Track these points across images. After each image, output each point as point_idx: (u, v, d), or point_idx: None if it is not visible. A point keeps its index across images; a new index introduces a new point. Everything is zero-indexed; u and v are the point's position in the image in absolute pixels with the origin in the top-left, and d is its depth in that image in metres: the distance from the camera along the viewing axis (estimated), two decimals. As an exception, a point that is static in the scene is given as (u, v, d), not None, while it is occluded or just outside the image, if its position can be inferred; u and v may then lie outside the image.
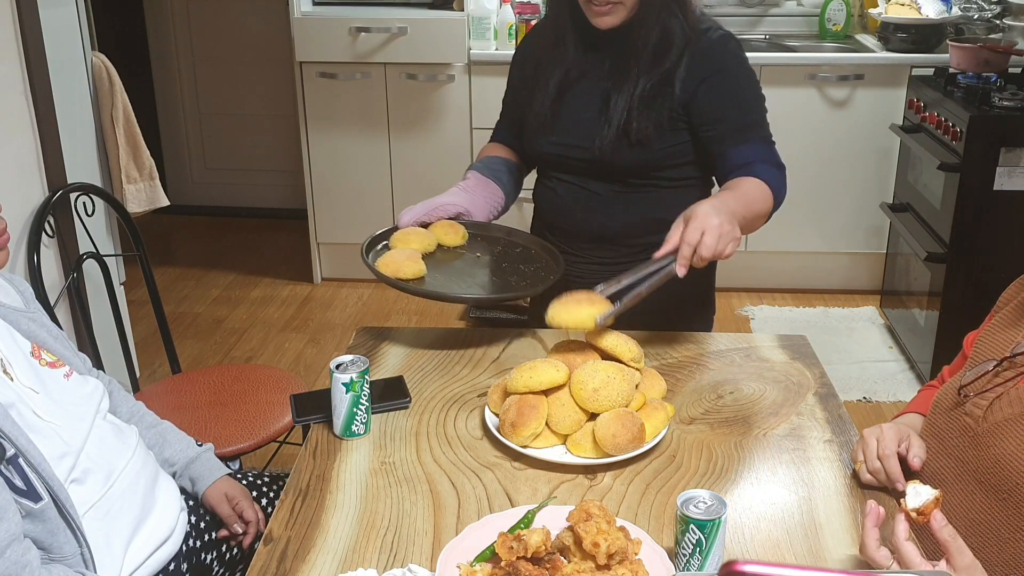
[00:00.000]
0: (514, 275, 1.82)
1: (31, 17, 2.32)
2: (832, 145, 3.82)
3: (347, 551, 1.29)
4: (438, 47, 3.75)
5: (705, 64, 1.80)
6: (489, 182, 1.97)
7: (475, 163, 2.03)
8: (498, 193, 1.98)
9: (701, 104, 1.80)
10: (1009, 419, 1.29)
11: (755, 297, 4.06)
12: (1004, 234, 3.03)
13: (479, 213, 1.94)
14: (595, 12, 1.78)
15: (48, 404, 1.41)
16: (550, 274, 1.81)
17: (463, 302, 1.75)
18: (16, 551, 1.23)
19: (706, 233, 1.51)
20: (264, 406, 2.27)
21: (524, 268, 1.84)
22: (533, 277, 1.82)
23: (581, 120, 1.86)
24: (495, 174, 1.99)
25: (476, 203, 1.93)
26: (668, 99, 1.80)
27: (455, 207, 1.91)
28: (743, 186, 1.73)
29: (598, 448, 1.45)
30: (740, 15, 4.22)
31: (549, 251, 1.91)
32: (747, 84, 1.86)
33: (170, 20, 4.91)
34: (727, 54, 1.84)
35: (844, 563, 1.26)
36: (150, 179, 2.98)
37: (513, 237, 1.96)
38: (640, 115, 1.79)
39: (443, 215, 1.91)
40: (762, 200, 1.74)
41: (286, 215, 4.92)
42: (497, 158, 2.03)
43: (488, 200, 1.95)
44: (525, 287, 1.80)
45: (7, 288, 1.53)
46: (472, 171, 2.00)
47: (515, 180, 2.04)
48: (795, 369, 1.77)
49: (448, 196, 1.93)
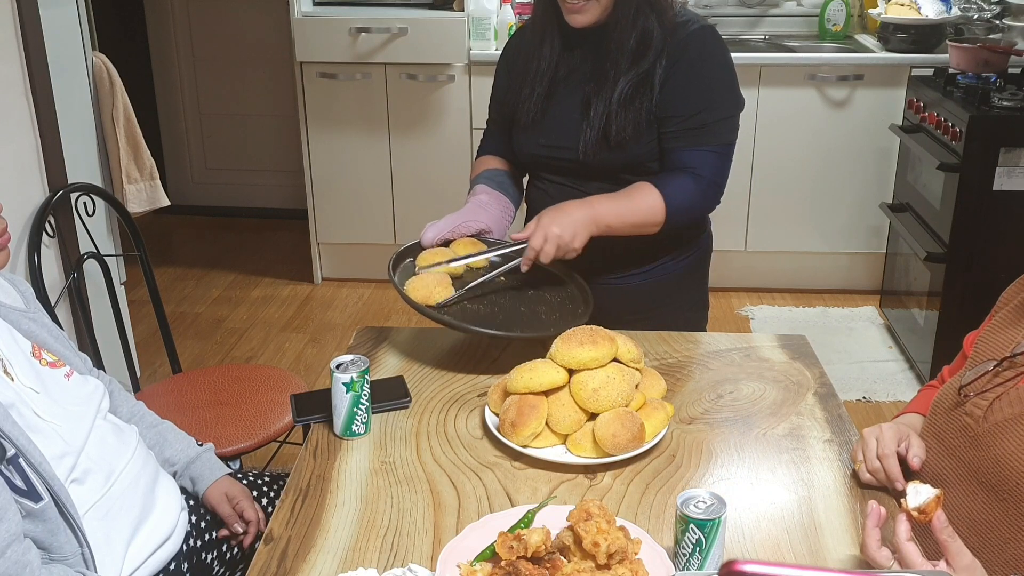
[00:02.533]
0: (542, 304, 1.81)
1: (31, 17, 2.32)
2: (832, 145, 3.82)
3: (347, 551, 1.29)
4: (438, 47, 3.75)
5: (678, 56, 1.79)
6: (501, 196, 1.98)
7: (479, 177, 2.01)
8: (509, 206, 1.99)
9: (663, 97, 1.79)
10: (1009, 419, 1.29)
11: (755, 297, 4.07)
12: (1004, 234, 3.03)
13: (497, 229, 1.94)
14: (568, 10, 1.78)
15: (48, 404, 1.41)
16: (577, 307, 1.80)
17: (493, 337, 1.76)
18: (16, 551, 1.23)
19: (547, 242, 1.72)
20: (264, 406, 2.27)
21: (551, 298, 1.84)
22: (561, 309, 1.80)
23: (565, 122, 1.87)
24: (503, 187, 1.99)
25: (494, 218, 1.93)
26: (647, 99, 1.80)
27: (478, 224, 1.91)
28: (634, 197, 1.80)
29: (598, 448, 1.45)
30: (740, 15, 4.22)
31: (574, 279, 1.88)
32: (708, 83, 1.81)
33: (170, 20, 4.91)
34: (700, 46, 1.80)
35: (844, 563, 1.26)
36: (150, 179, 2.99)
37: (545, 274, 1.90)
38: (619, 118, 1.80)
39: (466, 232, 1.90)
40: (644, 214, 1.79)
41: (286, 215, 4.92)
42: (499, 170, 2.03)
43: (502, 214, 1.96)
44: (556, 321, 1.76)
45: (8, 288, 1.53)
46: (481, 185, 1.98)
47: (519, 190, 2.06)
48: (795, 369, 1.77)
49: (470, 212, 1.92)
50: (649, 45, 1.78)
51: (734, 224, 3.94)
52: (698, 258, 2.04)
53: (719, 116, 1.81)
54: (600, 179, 1.87)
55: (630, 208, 1.79)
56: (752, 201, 3.92)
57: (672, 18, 1.80)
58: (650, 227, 1.80)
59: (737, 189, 1.85)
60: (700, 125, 1.78)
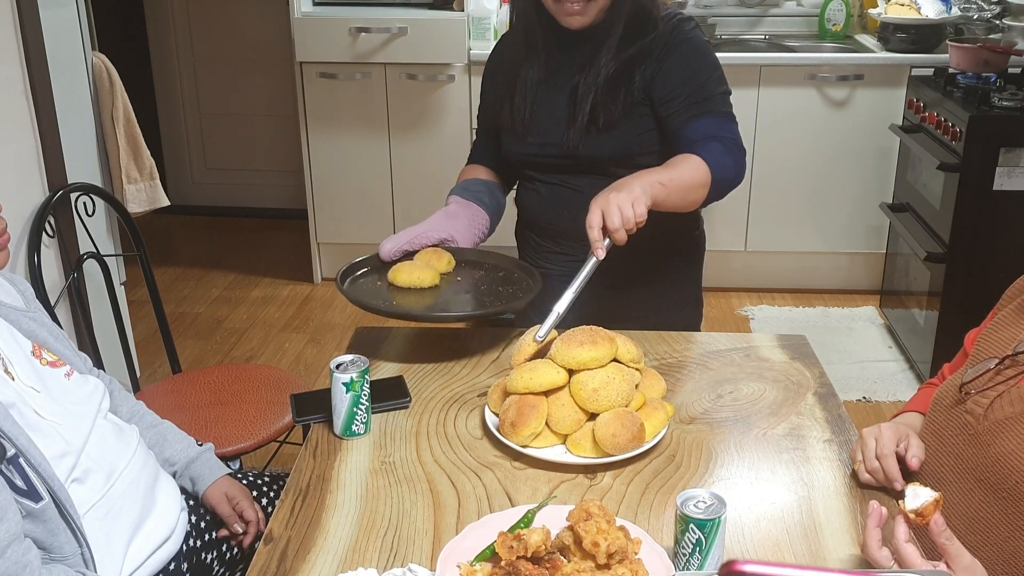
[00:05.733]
0: (491, 296, 1.84)
1: (31, 17, 2.32)
2: (832, 145, 3.82)
3: (347, 551, 1.29)
4: (438, 47, 3.75)
5: (661, 48, 1.82)
6: (471, 205, 1.97)
7: (456, 188, 2.02)
8: (481, 215, 1.97)
9: (659, 84, 1.82)
10: (1010, 418, 1.29)
11: (755, 297, 4.07)
12: (1004, 234, 3.03)
13: (463, 238, 1.93)
14: (566, 12, 1.78)
15: (49, 403, 1.41)
16: (528, 293, 1.83)
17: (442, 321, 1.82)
18: (16, 551, 1.23)
19: (609, 214, 1.59)
20: (264, 406, 2.27)
21: (502, 290, 1.86)
22: (511, 297, 1.83)
23: (554, 118, 1.88)
24: (476, 196, 1.99)
25: (459, 228, 1.93)
26: (629, 83, 1.82)
27: (437, 233, 1.91)
28: (675, 162, 1.76)
29: (598, 448, 1.45)
30: (740, 15, 4.22)
31: (527, 270, 1.92)
32: (701, 62, 1.85)
33: (170, 20, 4.91)
34: (682, 35, 1.84)
35: (844, 563, 1.26)
36: (150, 179, 2.99)
37: (493, 260, 1.96)
38: (605, 99, 1.81)
39: (426, 243, 1.91)
40: (691, 174, 1.73)
41: (286, 215, 4.92)
42: (477, 180, 2.03)
43: (471, 224, 1.95)
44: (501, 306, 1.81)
45: (8, 288, 1.53)
46: (453, 196, 2.00)
47: (497, 201, 2.04)
48: (795, 369, 1.77)
49: (430, 223, 1.93)
50: (642, 29, 1.81)
51: (734, 224, 3.94)
52: (692, 256, 2.04)
53: (719, 89, 1.84)
54: (591, 173, 1.87)
55: (676, 171, 1.73)
56: (752, 201, 3.92)
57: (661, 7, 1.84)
58: (698, 189, 1.74)
59: (737, 189, 1.85)
60: (706, 97, 1.81)
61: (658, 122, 1.85)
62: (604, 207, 1.60)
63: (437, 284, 1.85)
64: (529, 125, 1.90)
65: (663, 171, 1.73)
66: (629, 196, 1.60)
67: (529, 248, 2.06)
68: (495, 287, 1.87)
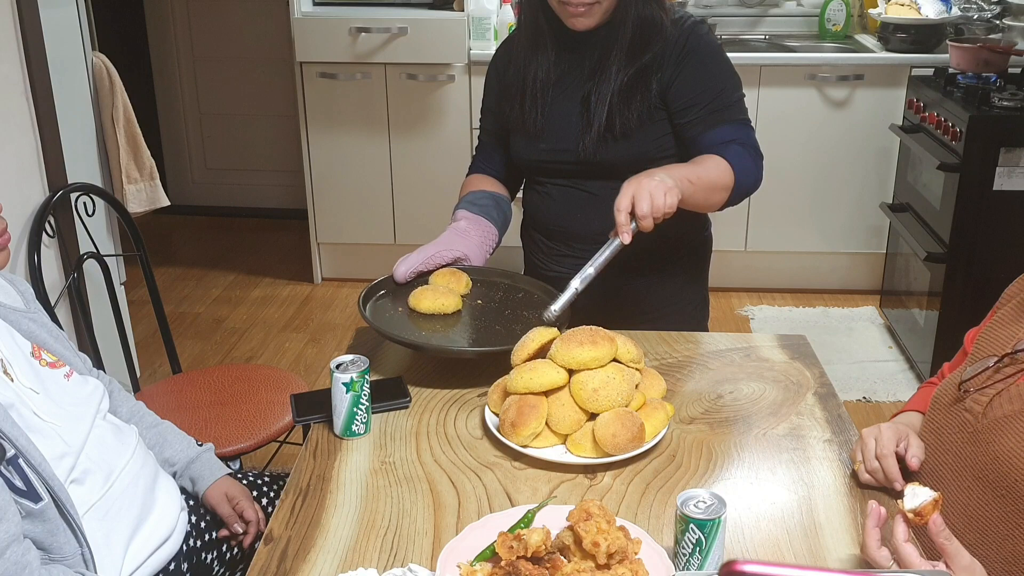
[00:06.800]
0: (518, 323, 1.77)
1: (31, 17, 2.32)
2: (832, 145, 3.82)
3: (347, 551, 1.29)
4: (438, 47, 3.75)
5: (677, 53, 1.80)
6: (481, 220, 1.93)
7: (462, 201, 1.98)
8: (491, 231, 1.94)
9: (676, 91, 1.81)
10: (1009, 416, 1.29)
11: (755, 297, 4.07)
12: (1004, 234, 3.03)
13: (475, 256, 1.90)
14: (571, 14, 1.77)
15: (48, 404, 1.41)
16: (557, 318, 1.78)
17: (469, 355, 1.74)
18: (16, 551, 1.23)
19: (639, 200, 1.58)
20: (264, 406, 2.27)
21: (528, 315, 1.79)
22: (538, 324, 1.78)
23: (566, 124, 1.86)
24: (485, 211, 1.95)
25: (471, 246, 1.89)
26: (646, 91, 1.81)
27: (451, 253, 1.86)
28: (700, 161, 1.75)
29: (598, 448, 1.45)
30: (740, 15, 4.22)
31: (547, 291, 1.85)
32: (718, 68, 1.84)
33: (170, 20, 4.91)
34: (698, 40, 1.83)
35: (844, 563, 1.26)
36: (150, 179, 2.99)
37: (508, 280, 1.91)
38: (621, 108, 1.80)
39: (440, 262, 1.86)
40: (716, 170, 1.73)
41: (286, 215, 4.92)
42: (483, 193, 1.98)
43: (483, 241, 1.92)
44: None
45: (7, 288, 1.53)
46: (461, 211, 1.95)
47: (504, 214, 2.01)
48: (795, 369, 1.77)
49: (442, 243, 1.88)
50: (648, 38, 1.79)
51: (734, 224, 3.94)
52: (700, 258, 2.04)
53: (736, 96, 1.84)
54: (603, 177, 1.86)
55: (704, 169, 1.72)
56: (752, 201, 3.91)
57: (669, 10, 1.83)
58: (721, 191, 1.75)
59: (737, 189, 1.85)
60: (724, 106, 1.81)
61: (674, 128, 1.84)
62: (636, 191, 1.59)
63: (460, 308, 1.79)
64: (542, 130, 1.88)
65: (691, 168, 1.72)
66: (662, 185, 1.60)
67: (537, 250, 2.04)
68: (520, 311, 1.81)
